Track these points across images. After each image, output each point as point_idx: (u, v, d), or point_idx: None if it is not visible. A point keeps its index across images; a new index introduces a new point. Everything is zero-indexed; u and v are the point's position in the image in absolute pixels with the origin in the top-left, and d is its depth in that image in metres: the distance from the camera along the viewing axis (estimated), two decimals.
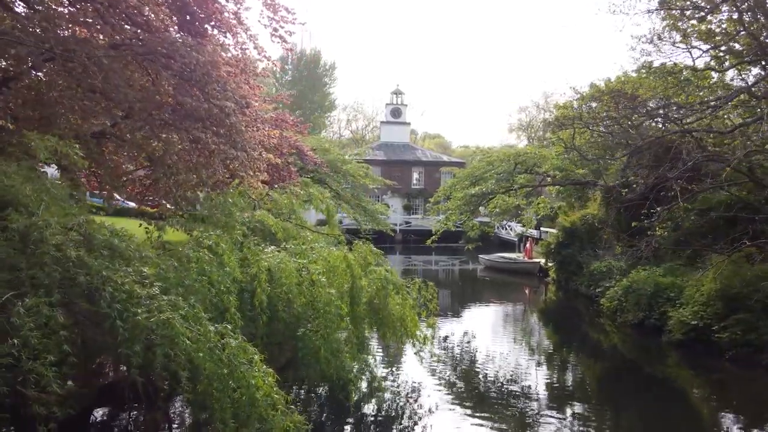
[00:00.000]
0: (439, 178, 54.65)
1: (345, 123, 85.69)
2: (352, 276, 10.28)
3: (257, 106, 14.68)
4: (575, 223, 24.57)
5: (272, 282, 8.70)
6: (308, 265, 9.36)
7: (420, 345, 11.57)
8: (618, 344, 17.48)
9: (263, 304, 7.92)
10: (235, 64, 12.92)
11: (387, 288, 11.44)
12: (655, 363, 15.23)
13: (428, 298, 11.92)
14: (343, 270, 10.20)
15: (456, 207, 23.15)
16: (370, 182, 34.61)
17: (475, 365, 14.42)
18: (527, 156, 23.22)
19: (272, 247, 9.56)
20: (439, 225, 24.74)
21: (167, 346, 5.70)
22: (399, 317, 11.41)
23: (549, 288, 26.52)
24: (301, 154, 24.71)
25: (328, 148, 33.75)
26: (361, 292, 10.43)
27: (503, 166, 23.03)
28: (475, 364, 14.54)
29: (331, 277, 9.72)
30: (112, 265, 6.06)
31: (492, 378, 13.19)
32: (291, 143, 23.17)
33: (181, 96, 10.45)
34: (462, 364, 14.49)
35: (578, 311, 22.11)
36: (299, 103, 67.07)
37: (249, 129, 12.92)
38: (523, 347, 16.79)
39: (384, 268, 12.17)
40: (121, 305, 5.72)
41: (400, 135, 57.27)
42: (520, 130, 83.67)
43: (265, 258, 8.90)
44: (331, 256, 9.95)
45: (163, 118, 10.63)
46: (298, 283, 8.79)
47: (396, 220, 47.38)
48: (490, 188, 22.55)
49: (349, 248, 13.34)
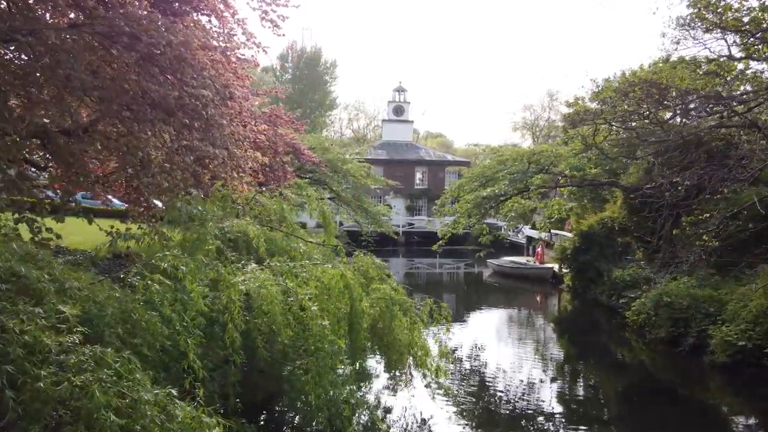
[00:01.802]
0: (443, 178, 52.85)
1: (346, 122, 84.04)
2: (351, 298, 8.54)
3: (245, 98, 12.95)
4: (593, 227, 22.77)
5: (250, 311, 6.96)
6: (297, 288, 7.62)
7: (431, 376, 9.82)
8: (648, 363, 15.71)
9: (236, 342, 6.17)
10: (215, 47, 11.15)
11: (393, 309, 9.72)
12: (695, 387, 13.49)
13: (441, 320, 10.15)
14: (340, 291, 8.46)
15: (465, 210, 21.34)
16: (372, 182, 32.89)
17: (487, 386, 12.77)
18: (542, 155, 21.40)
19: (253, 266, 7.81)
20: (446, 229, 22.94)
21: (82, 426, 3.96)
22: (407, 344, 9.69)
23: (564, 296, 24.72)
24: (297, 153, 22.97)
25: (327, 147, 32.01)
26: (362, 318, 8.70)
27: (516, 165, 21.21)
28: (488, 384, 12.91)
29: (325, 301, 7.99)
30: (12, 305, 4.32)
31: (507, 401, 11.56)
32: (286, 141, 21.41)
33: (145, 82, 8.69)
34: (473, 383, 12.84)
35: (599, 323, 20.33)
36: (299, 101, 65.43)
37: (233, 123, 11.18)
38: (540, 364, 15.08)
39: (389, 284, 10.48)
40: (15, 366, 3.98)
41: (403, 133, 55.39)
42: (525, 129, 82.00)
43: (242, 280, 7.16)
44: (325, 274, 8.20)
45: (124, 109, 8.87)
46: (283, 311, 7.05)
47: (399, 222, 45.63)
48: (503, 189, 20.74)
49: (349, 258, 11.69)
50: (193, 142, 9.14)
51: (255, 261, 8.93)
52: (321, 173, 28.42)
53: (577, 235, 23.04)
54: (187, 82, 9.63)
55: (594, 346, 17.70)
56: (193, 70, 9.65)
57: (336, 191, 30.68)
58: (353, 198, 31.45)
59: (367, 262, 10.91)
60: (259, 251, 8.43)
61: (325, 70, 75.95)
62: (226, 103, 10.84)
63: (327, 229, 11.80)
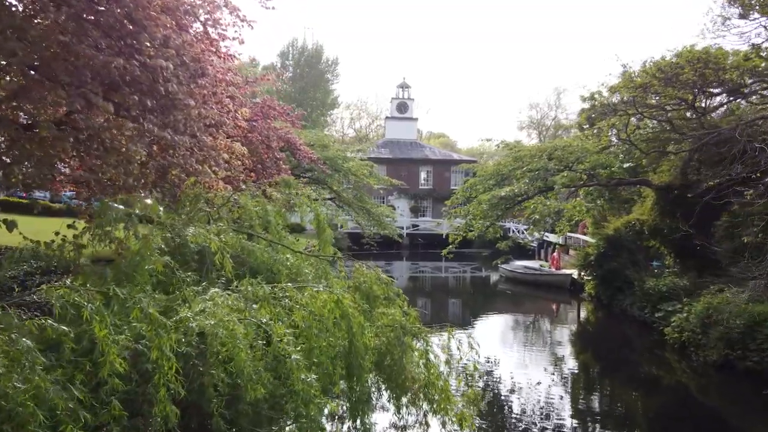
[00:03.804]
0: (449, 178, 50.75)
1: (348, 121, 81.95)
2: (350, 332, 6.40)
3: (224, 78, 10.85)
4: (619, 231, 20.59)
5: (203, 360, 4.84)
6: (274, 324, 5.51)
7: (452, 425, 7.67)
8: (696, 391, 13.53)
9: (171, 419, 4.03)
10: (187, 12, 9.02)
11: (403, 340, 7.60)
12: (763, 426, 11.32)
13: (467, 355, 8.00)
14: (335, 322, 6.35)
15: (480, 211, 19.14)
16: (375, 182, 30.78)
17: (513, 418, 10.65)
18: (567, 150, 19.19)
19: (213, 291, 5.67)
20: (458, 232, 20.72)
21: None
22: (423, 384, 7.57)
23: (585, 306, 22.51)
24: (293, 149, 20.84)
25: (327, 144, 29.85)
26: (363, 357, 6.57)
27: (536, 162, 19.01)
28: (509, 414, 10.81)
29: (314, 337, 5.88)
30: None
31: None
32: (281, 135, 19.28)
33: (78, 45, 6.58)
34: (492, 412, 10.75)
35: (629, 339, 18.14)
36: (300, 100, 63.39)
37: (205, 106, 9.06)
38: (568, 387, 13.04)
39: (398, 306, 8.40)
40: None
41: (407, 131, 53.17)
42: (531, 128, 79.88)
43: (195, 314, 5.03)
44: (315, 301, 6.07)
45: (55, 80, 6.76)
46: (253, 359, 4.93)
47: (402, 224, 43.44)
48: (522, 189, 18.54)
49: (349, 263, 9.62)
50: (144, 124, 7.01)
51: (227, 282, 6.86)
52: (320, 172, 26.27)
53: (602, 240, 20.85)
54: (141, 50, 7.54)
55: (627, 366, 15.50)
56: (150, 36, 7.56)
57: (336, 191, 28.55)
58: (355, 198, 29.34)
59: (370, 277, 8.76)
60: (225, 270, 6.28)
61: (326, 68, 73.99)
62: (196, 81, 8.75)
63: (321, 236, 9.66)
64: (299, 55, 72.35)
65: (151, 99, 7.37)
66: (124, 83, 6.99)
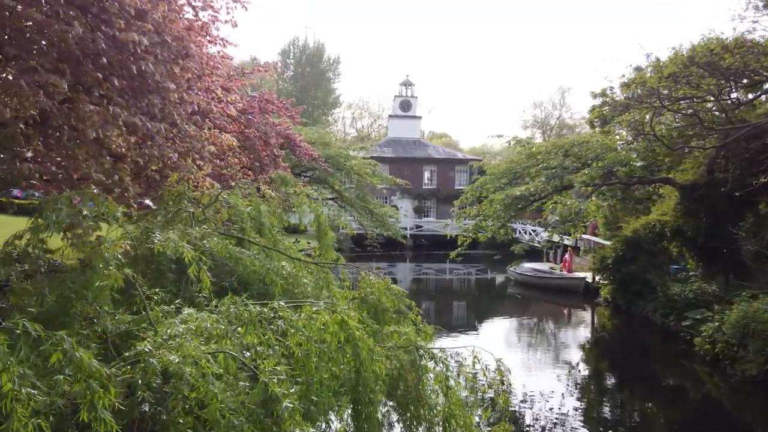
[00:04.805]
0: (453, 178, 49.54)
1: (350, 121, 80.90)
2: (358, 359, 5.24)
3: (214, 62, 9.69)
4: (638, 232, 19.38)
5: (166, 408, 3.68)
6: (265, 353, 4.36)
7: None
8: (732, 408, 12.36)
9: None
10: None
11: (420, 364, 6.43)
12: None
13: (495, 385, 6.81)
14: (339, 346, 5.19)
15: (493, 212, 17.90)
16: (378, 182, 29.64)
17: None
18: (586, 146, 17.95)
19: (188, 311, 4.51)
20: (467, 234, 19.48)
21: None
22: (444, 416, 6.41)
23: (601, 312, 21.28)
24: (292, 146, 19.70)
25: (328, 142, 28.73)
26: (374, 389, 5.40)
27: (551, 159, 17.79)
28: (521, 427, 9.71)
29: (313, 368, 4.72)
30: None
31: None
32: (279, 131, 18.15)
33: (27, 9, 5.44)
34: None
35: (652, 349, 16.92)
36: (301, 99, 62.35)
37: (190, 91, 7.90)
38: (584, 398, 11.97)
39: (410, 318, 7.30)
40: None
41: (410, 130, 51.91)
42: (535, 127, 78.78)
43: (159, 344, 3.87)
44: (314, 322, 4.91)
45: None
46: (234, 404, 3.77)
47: (406, 224, 42.22)
48: (539, 188, 17.30)
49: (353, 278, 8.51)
50: (110, 108, 5.85)
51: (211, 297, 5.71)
52: (321, 171, 25.14)
53: (620, 242, 19.65)
54: (110, 22, 6.39)
55: (652, 379, 14.30)
56: (119, 5, 6.42)
57: (338, 191, 27.42)
58: (357, 198, 28.22)
59: (378, 287, 7.58)
60: (202, 285, 5.10)
61: (327, 66, 73.07)
62: (178, 62, 7.59)
63: (322, 240, 8.48)
64: (300, 53, 71.43)
65: (120, 79, 6.23)
66: (85, 58, 5.84)
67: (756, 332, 12.45)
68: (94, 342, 4.21)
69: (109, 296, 4.60)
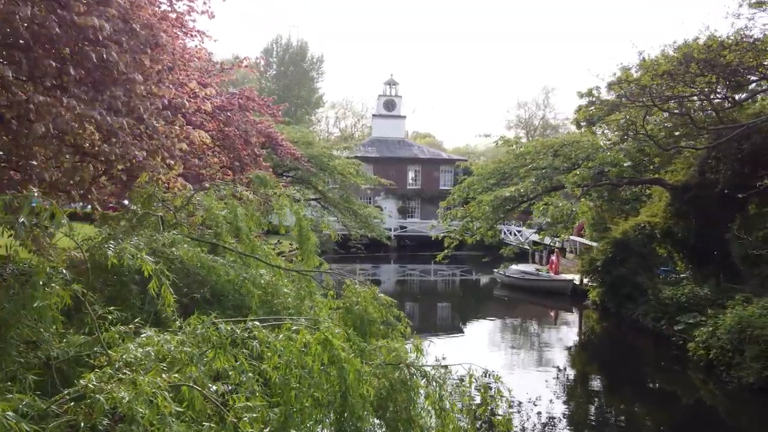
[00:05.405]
0: (437, 178, 49.12)
1: (333, 121, 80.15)
2: (343, 382, 4.68)
3: (189, 54, 9.06)
4: (628, 234, 19.04)
5: None
6: (235, 378, 3.79)
7: None
8: (729, 416, 11.98)
9: None
10: None
11: (410, 383, 5.88)
12: None
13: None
14: (323, 369, 4.62)
15: (482, 213, 17.39)
16: (362, 182, 29.04)
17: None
18: (577, 146, 17.53)
19: (149, 333, 3.91)
20: (454, 236, 18.94)
21: None
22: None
23: (590, 315, 20.90)
24: (274, 145, 19.04)
25: (311, 141, 28.09)
26: (362, 415, 4.84)
27: (541, 160, 17.34)
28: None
29: (293, 396, 4.16)
30: None
31: None
32: (260, 130, 17.48)
33: None
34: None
35: (645, 354, 16.54)
36: (284, 97, 61.46)
37: (160, 84, 7.25)
38: (576, 405, 11.55)
39: (400, 331, 6.74)
40: None
41: (395, 130, 51.35)
42: (519, 127, 78.69)
43: (107, 376, 3.27)
44: (293, 344, 4.33)
45: None
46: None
47: (390, 225, 41.67)
48: (529, 188, 16.82)
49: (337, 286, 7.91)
50: (63, 99, 5.21)
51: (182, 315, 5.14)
52: (304, 171, 24.45)
53: (609, 244, 19.29)
54: (66, 4, 5.75)
55: (645, 385, 13.93)
56: None
57: (322, 191, 26.76)
58: (341, 199, 27.58)
59: (364, 296, 6.99)
60: (165, 303, 4.48)
61: (311, 66, 72.19)
62: (146, 52, 6.94)
63: (304, 246, 7.89)
64: (283, 52, 70.54)
65: (79, 68, 5.59)
66: (36, 43, 5.20)
67: (753, 338, 12.10)
68: (35, 372, 3.61)
69: (57, 316, 3.99)
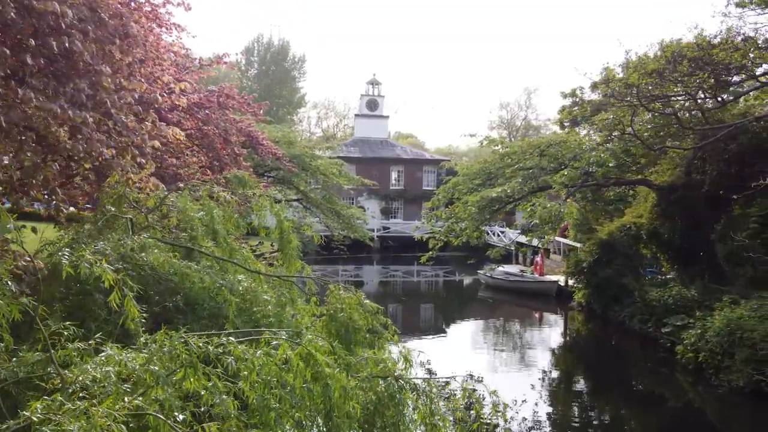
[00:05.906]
0: (421, 178, 48.85)
1: (315, 121, 79.52)
2: (328, 401, 4.29)
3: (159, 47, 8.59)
4: (614, 235, 18.88)
5: None
6: (207, 400, 3.38)
7: None
8: (719, 420, 11.81)
9: None
10: None
11: (400, 397, 5.50)
12: None
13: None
14: (306, 387, 4.23)
15: (468, 214, 17.06)
16: (345, 182, 28.65)
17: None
18: (564, 146, 17.29)
19: (109, 351, 3.48)
20: (439, 237, 18.61)
21: None
22: None
23: (575, 317, 20.71)
24: (255, 144, 18.55)
25: (293, 141, 27.60)
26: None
27: (528, 160, 17.08)
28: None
29: (272, 419, 3.76)
30: None
31: None
32: (240, 128, 17.00)
33: None
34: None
35: (631, 356, 16.37)
36: (265, 97, 60.64)
37: (131, 78, 6.78)
38: (563, 408, 11.32)
39: (385, 339, 6.38)
40: None
41: (377, 130, 50.95)
42: (501, 128, 78.80)
43: (54, 407, 2.84)
44: (270, 361, 3.93)
45: None
46: None
47: (373, 226, 41.26)
48: (515, 189, 16.54)
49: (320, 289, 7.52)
50: (18, 90, 4.75)
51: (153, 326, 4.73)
52: (285, 171, 23.96)
53: (595, 245, 19.11)
54: None
55: (632, 388, 13.73)
56: None
57: (303, 192, 26.29)
58: (323, 200, 27.13)
59: (349, 303, 6.59)
60: (129, 317, 4.04)
61: (293, 65, 71.44)
62: (114, 42, 6.47)
63: (285, 249, 7.48)
64: (265, 51, 69.75)
65: (37, 57, 5.13)
66: None
67: (743, 340, 11.94)
68: None
69: (4, 332, 3.54)
